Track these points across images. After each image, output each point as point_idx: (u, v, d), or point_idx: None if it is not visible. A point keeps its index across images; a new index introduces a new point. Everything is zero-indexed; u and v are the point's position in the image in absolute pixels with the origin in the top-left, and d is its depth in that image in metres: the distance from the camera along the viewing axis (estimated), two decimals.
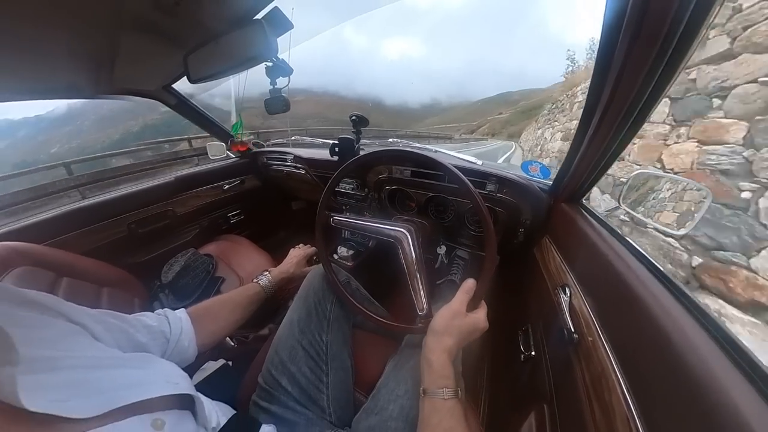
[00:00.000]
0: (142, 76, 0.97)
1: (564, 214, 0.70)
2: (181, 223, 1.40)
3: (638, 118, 0.44)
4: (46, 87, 0.81)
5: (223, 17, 0.65)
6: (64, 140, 71.31)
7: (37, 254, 0.82)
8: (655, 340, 0.34)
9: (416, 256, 0.67)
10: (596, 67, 0.43)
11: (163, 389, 0.35)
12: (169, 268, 1.12)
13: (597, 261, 0.52)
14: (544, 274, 0.72)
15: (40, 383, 0.27)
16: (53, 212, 1.05)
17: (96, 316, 0.41)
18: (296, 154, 1.42)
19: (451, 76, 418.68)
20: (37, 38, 0.56)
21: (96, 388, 0.30)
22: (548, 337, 0.63)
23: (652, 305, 0.37)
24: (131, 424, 0.30)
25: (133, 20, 0.60)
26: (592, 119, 0.50)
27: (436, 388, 0.46)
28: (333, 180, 0.73)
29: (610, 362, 0.41)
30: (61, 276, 0.84)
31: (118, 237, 1.17)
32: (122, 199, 1.20)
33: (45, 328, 0.33)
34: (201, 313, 0.61)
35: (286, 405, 0.57)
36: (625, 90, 0.40)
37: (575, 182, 0.65)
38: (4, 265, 0.73)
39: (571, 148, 0.61)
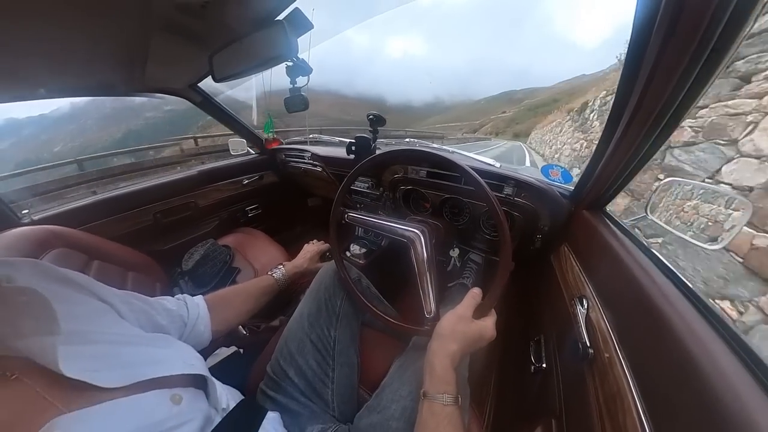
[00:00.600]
0: (170, 75, 1.02)
1: (585, 222, 0.67)
2: (203, 215, 1.46)
3: (671, 121, 0.41)
4: (87, 85, 0.88)
5: (246, 19, 0.67)
6: (67, 139, 75.89)
7: (72, 237, 0.88)
8: (680, 363, 0.32)
9: (428, 257, 0.66)
10: (626, 65, 0.40)
11: (181, 368, 0.37)
12: (190, 257, 1.17)
13: (619, 273, 0.49)
14: (560, 284, 0.68)
15: (76, 353, 0.29)
16: (88, 200, 1.13)
17: (122, 297, 0.44)
18: (313, 152, 1.44)
19: (454, 75, 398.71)
20: (78, 41, 0.61)
21: (122, 362, 0.33)
22: (561, 350, 0.60)
23: (678, 325, 0.34)
24: (153, 397, 0.32)
25: (164, 23, 0.63)
26: (620, 121, 0.47)
27: (436, 392, 0.45)
28: (349, 178, 0.74)
29: (626, 382, 0.38)
30: (93, 258, 0.89)
31: (144, 225, 1.24)
32: (149, 191, 1.27)
33: (80, 304, 0.36)
34: (217, 301, 0.63)
35: (292, 396, 0.58)
36: (657, 91, 0.38)
37: (599, 188, 0.62)
38: (43, 246, 0.79)
39: (596, 152, 0.58)
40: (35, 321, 0.29)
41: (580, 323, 0.52)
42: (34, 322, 0.29)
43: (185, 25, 0.66)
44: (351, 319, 0.71)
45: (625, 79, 0.41)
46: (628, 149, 0.49)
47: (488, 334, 0.52)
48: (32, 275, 0.34)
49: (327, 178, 1.43)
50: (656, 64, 0.35)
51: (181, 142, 5.77)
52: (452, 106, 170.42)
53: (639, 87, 0.40)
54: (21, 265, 0.35)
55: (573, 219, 0.74)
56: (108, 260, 0.93)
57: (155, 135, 63.79)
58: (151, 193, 1.27)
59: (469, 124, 43.81)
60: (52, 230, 0.85)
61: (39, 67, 0.69)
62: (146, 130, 69.30)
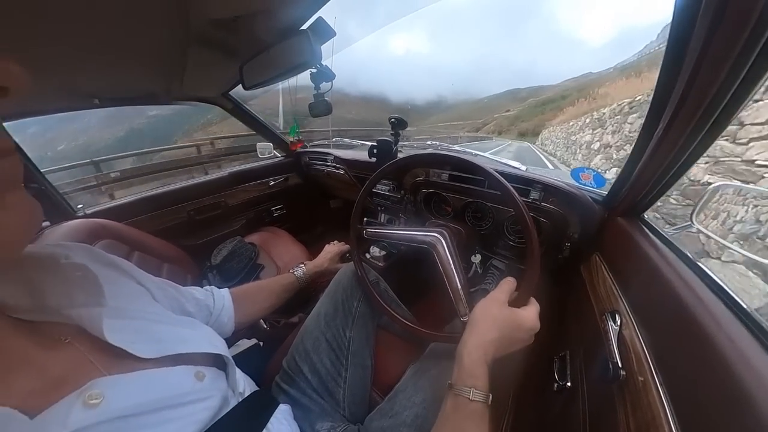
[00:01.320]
0: (205, 84, 1.10)
1: (620, 230, 0.61)
2: (231, 214, 1.54)
3: (720, 118, 0.36)
4: (133, 95, 0.98)
5: (273, 29, 0.70)
6: (71, 137, 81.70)
7: (118, 230, 0.97)
8: (731, 397, 0.27)
9: (453, 259, 0.64)
10: (666, 57, 0.36)
11: (206, 347, 0.40)
12: (218, 252, 1.24)
13: (658, 288, 0.44)
14: (590, 297, 0.63)
15: (118, 326, 0.32)
16: (132, 197, 1.25)
17: (158, 283, 0.49)
18: (336, 155, 1.47)
19: (457, 73, 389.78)
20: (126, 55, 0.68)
21: (156, 338, 0.36)
22: (589, 369, 0.55)
23: (729, 352, 0.30)
24: (180, 371, 0.35)
25: (199, 36, 0.69)
26: (660, 120, 0.43)
27: (462, 385, 0.41)
28: (370, 181, 0.75)
29: (663, 411, 0.34)
30: (134, 250, 0.98)
31: (179, 222, 1.34)
32: (184, 190, 1.38)
33: (123, 286, 0.41)
34: (241, 295, 0.67)
35: (304, 391, 0.59)
36: (704, 85, 0.33)
37: (636, 193, 0.56)
38: (93, 236, 0.88)
39: (633, 154, 0.53)
40: (86, 294, 0.33)
41: (611, 341, 0.47)
42: (85, 295, 0.33)
43: (218, 38, 0.71)
44: (367, 320, 0.71)
45: (667, 70, 0.37)
46: (671, 150, 0.44)
47: (529, 323, 0.46)
48: (85, 257, 0.39)
49: (349, 181, 1.45)
50: (702, 53, 0.31)
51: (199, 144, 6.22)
52: (455, 104, 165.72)
53: (683, 80, 0.35)
54: (76, 249, 0.40)
55: (606, 226, 0.68)
56: (147, 252, 1.01)
57: (157, 133, 68.25)
58: (186, 193, 1.37)
59: (472, 123, 41.74)
60: (101, 223, 0.94)
61: (93, 79, 0.78)
62: (148, 129, 74.00)
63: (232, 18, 0.63)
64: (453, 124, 56.15)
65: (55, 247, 0.37)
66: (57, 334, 0.30)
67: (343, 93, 41.11)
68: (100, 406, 0.26)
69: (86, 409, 0.25)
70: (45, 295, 0.31)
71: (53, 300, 0.31)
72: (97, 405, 0.25)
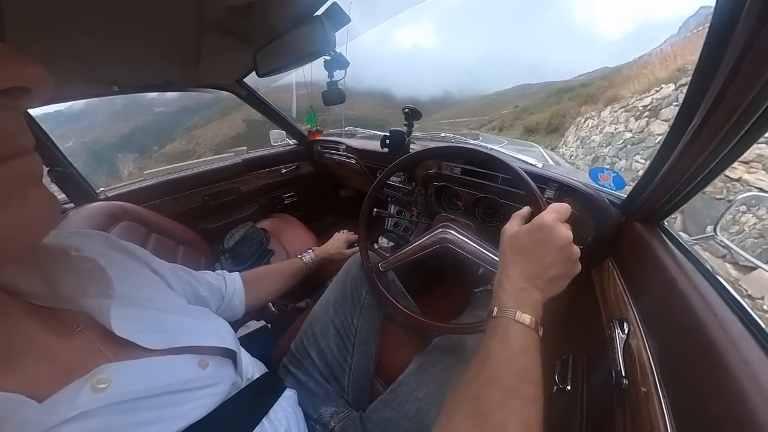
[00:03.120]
0: (220, 71, 1.11)
1: (637, 236, 0.58)
2: (244, 200, 1.58)
3: (761, 120, 0.33)
4: (150, 82, 1.00)
5: (287, 16, 0.69)
6: (79, 135, 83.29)
7: (137, 213, 1.02)
8: (737, 417, 0.26)
9: (470, 238, 0.66)
10: (704, 52, 0.33)
11: (212, 341, 0.41)
12: (231, 236, 1.28)
13: (672, 299, 0.42)
14: (599, 302, 0.61)
15: (126, 315, 0.33)
16: (151, 181, 1.30)
17: (171, 269, 0.50)
18: (348, 144, 1.46)
19: (465, 68, 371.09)
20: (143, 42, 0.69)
21: (164, 328, 0.37)
22: (591, 375, 0.54)
23: (740, 370, 0.29)
24: (183, 360, 0.36)
25: (214, 23, 0.68)
26: (692, 121, 0.40)
27: (506, 308, 0.36)
28: (385, 174, 0.74)
29: (664, 424, 0.33)
30: (152, 232, 1.03)
31: (194, 206, 1.39)
32: (200, 175, 1.41)
33: (135, 273, 0.42)
34: (251, 278, 0.69)
35: (311, 375, 0.61)
36: (744, 84, 0.30)
37: (657, 198, 0.53)
38: (114, 218, 0.93)
39: (658, 155, 0.50)
40: (96, 285, 0.34)
41: (616, 349, 0.46)
42: (95, 286, 0.34)
43: (233, 25, 0.71)
44: (374, 310, 0.72)
45: (704, 64, 0.34)
46: (700, 153, 0.41)
47: (559, 233, 0.37)
48: (100, 245, 0.40)
49: (360, 170, 1.45)
50: (746, 47, 0.28)
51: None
52: (461, 100, 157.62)
53: (722, 75, 0.32)
54: (93, 236, 0.42)
55: (622, 231, 0.65)
56: (164, 234, 1.06)
57: (160, 131, 69.14)
58: (201, 178, 1.41)
59: (478, 119, 38.93)
60: (122, 206, 0.98)
61: (112, 65, 0.80)
62: (152, 126, 74.97)
63: (246, 4, 0.62)
64: (458, 121, 53.59)
65: (68, 237, 0.38)
66: (70, 322, 0.31)
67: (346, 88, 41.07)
68: (108, 390, 0.27)
69: (94, 393, 0.26)
70: (58, 284, 0.32)
71: (66, 289, 0.32)
72: (104, 389, 0.27)
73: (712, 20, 0.31)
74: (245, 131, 25.14)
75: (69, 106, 5.89)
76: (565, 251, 0.38)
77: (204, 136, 51.96)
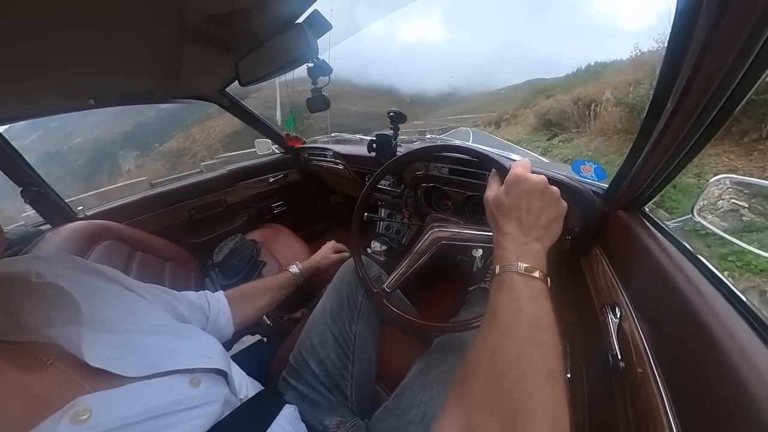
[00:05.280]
0: (202, 82, 1.09)
1: (620, 223, 0.61)
2: (232, 211, 1.55)
3: (724, 109, 0.35)
4: (129, 94, 0.97)
5: (268, 24, 0.69)
6: (87, 131, 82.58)
7: (119, 231, 0.98)
8: (727, 387, 0.28)
9: (465, 229, 0.69)
10: (670, 46, 0.35)
11: (198, 362, 0.38)
12: (220, 250, 1.25)
13: (659, 281, 0.44)
14: (591, 290, 0.63)
15: (100, 342, 0.31)
16: (133, 197, 1.25)
17: (147, 288, 0.47)
18: (335, 150, 1.46)
19: (474, 62, 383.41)
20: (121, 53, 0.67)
21: (144, 352, 0.34)
22: (588, 361, 0.56)
23: (727, 344, 0.30)
24: (172, 380, 0.34)
25: (195, 33, 0.68)
26: (663, 111, 0.42)
27: (509, 262, 0.35)
28: (374, 179, 0.75)
29: (661, 401, 0.34)
30: (136, 250, 0.99)
31: (180, 220, 1.35)
32: (185, 189, 1.38)
33: (107, 294, 0.39)
34: (237, 296, 0.67)
35: (312, 386, 0.60)
36: (708, 74, 0.33)
37: (637, 186, 0.56)
38: (95, 238, 0.89)
39: (634, 146, 0.53)
40: (62, 312, 0.32)
41: (611, 333, 0.48)
42: (60, 314, 0.31)
43: (213, 34, 0.70)
44: (371, 315, 0.72)
45: (669, 62, 0.36)
46: (673, 142, 0.44)
47: (533, 180, 0.39)
48: (63, 268, 0.37)
49: (349, 176, 1.45)
50: (705, 46, 0.30)
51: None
52: (470, 96, 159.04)
53: (686, 69, 0.35)
54: (55, 260, 0.39)
55: (607, 219, 0.68)
56: (149, 251, 1.02)
57: (162, 128, 68.47)
58: (186, 191, 1.37)
59: (486, 116, 39.22)
60: (102, 224, 0.94)
61: (88, 78, 0.77)
62: (154, 123, 74.25)
63: (226, 13, 0.62)
64: (464, 117, 53.90)
65: (26, 262, 0.35)
66: (38, 355, 0.29)
67: (350, 84, 40.08)
68: (89, 421, 0.25)
69: (74, 426, 0.24)
70: (20, 315, 0.30)
71: (29, 319, 0.30)
72: (85, 420, 0.25)
73: (674, 20, 0.33)
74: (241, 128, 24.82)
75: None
76: (547, 193, 0.39)
77: (200, 134, 51.11)
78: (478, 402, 0.29)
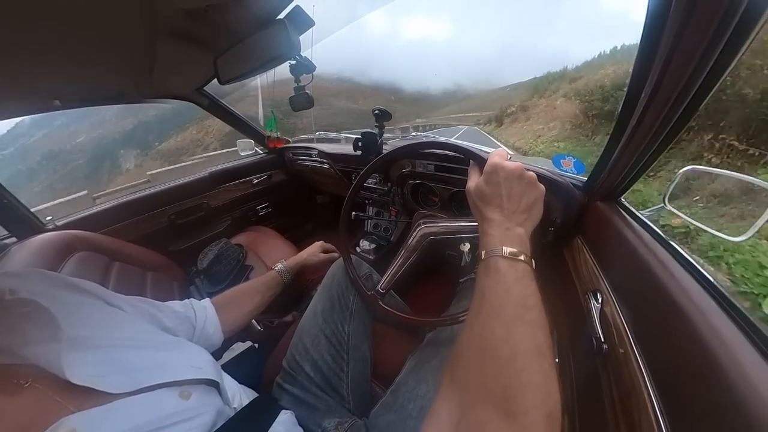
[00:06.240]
0: (178, 80, 1.04)
1: (599, 213, 0.64)
2: (215, 215, 1.50)
3: (691, 105, 0.38)
4: (98, 95, 0.91)
5: (248, 19, 0.67)
6: (90, 129, 79.82)
7: (94, 241, 0.92)
8: (700, 362, 0.30)
9: (452, 221, 0.72)
10: (641, 48, 0.38)
11: (187, 374, 0.37)
12: (204, 256, 1.21)
13: (635, 267, 0.47)
14: (573, 278, 0.67)
15: (81, 359, 0.30)
16: (107, 205, 1.18)
17: (129, 300, 0.45)
18: (320, 149, 1.45)
19: (480, 60, 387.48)
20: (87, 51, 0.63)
21: (128, 367, 0.33)
22: (575, 345, 0.59)
23: (698, 322, 0.33)
24: (161, 394, 0.33)
25: (169, 29, 0.64)
26: (635, 108, 0.45)
27: (493, 247, 0.36)
28: (360, 178, 0.75)
29: (642, 379, 0.37)
30: (114, 260, 0.94)
31: (160, 227, 1.29)
32: (163, 194, 1.31)
33: (86, 309, 0.37)
34: (223, 301, 0.65)
35: (308, 389, 0.60)
36: (676, 74, 0.35)
37: (613, 178, 0.59)
38: (67, 250, 0.83)
39: (610, 141, 0.56)
40: (39, 329, 0.30)
41: (594, 318, 0.51)
42: (38, 331, 0.30)
43: (189, 30, 0.67)
44: (363, 314, 0.72)
45: (641, 62, 0.39)
46: (645, 136, 0.47)
47: (511, 167, 0.40)
48: (38, 284, 0.35)
49: (335, 175, 1.44)
50: (673, 46, 0.33)
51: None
52: (474, 94, 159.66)
53: (656, 70, 0.37)
54: (28, 276, 0.37)
55: (586, 210, 0.71)
56: (128, 261, 0.97)
57: (162, 126, 66.25)
58: (165, 196, 1.31)
59: (489, 114, 39.27)
60: (75, 235, 0.89)
61: (52, 79, 0.72)
62: (155, 121, 71.84)
63: (203, 8, 0.59)
64: (467, 115, 53.73)
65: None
66: (15, 378, 0.28)
67: (353, 82, 39.36)
68: None
69: None
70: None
71: (3, 340, 0.29)
72: None
73: (644, 27, 0.36)
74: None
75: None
76: (524, 178, 0.40)
77: (214, 125, 49.66)
78: (470, 382, 0.30)
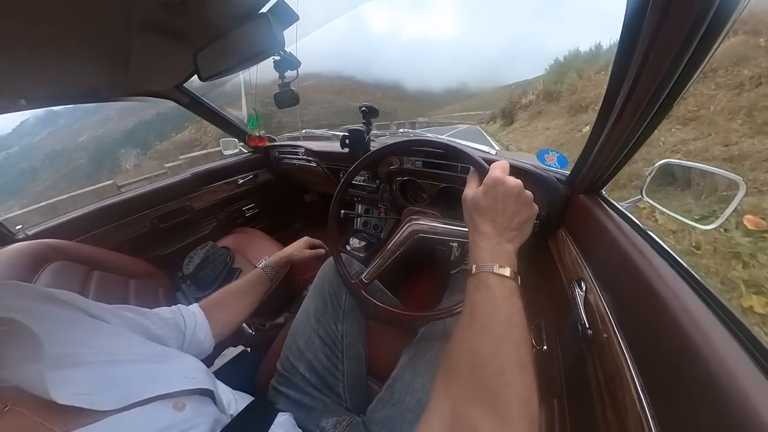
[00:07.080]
0: (155, 77, 0.99)
1: (582, 206, 0.67)
2: (200, 218, 1.45)
3: (665, 103, 0.41)
4: (68, 93, 0.86)
5: (229, 13, 0.65)
6: (93, 129, 76.89)
7: (70, 250, 0.88)
8: (677, 342, 0.33)
9: (441, 223, 0.71)
10: (619, 48, 0.40)
11: (180, 384, 0.36)
12: (190, 261, 1.18)
13: (616, 256, 0.50)
14: (559, 268, 0.70)
15: (66, 378, 0.28)
16: (82, 211, 1.11)
17: (113, 311, 0.43)
18: (307, 147, 1.42)
19: (484, 58, 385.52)
20: (56, 47, 0.59)
21: (117, 382, 0.32)
22: (561, 332, 0.62)
23: (674, 305, 0.35)
24: (154, 408, 0.32)
25: (143, 22, 0.61)
26: (614, 105, 0.47)
27: (483, 263, 0.38)
28: (348, 175, 0.74)
29: (625, 361, 0.39)
30: (93, 269, 0.89)
31: (142, 232, 1.24)
32: (143, 197, 1.26)
33: (68, 324, 0.35)
34: (211, 305, 0.63)
35: (304, 390, 0.59)
36: (651, 74, 0.37)
37: (595, 172, 0.62)
38: (41, 260, 0.79)
39: (591, 136, 0.58)
40: (19, 349, 0.29)
41: (578, 305, 0.53)
42: (18, 351, 0.28)
43: (166, 24, 0.64)
44: (357, 312, 0.72)
45: (619, 61, 0.41)
46: (624, 131, 0.49)
47: (510, 183, 0.41)
48: (14, 298, 0.33)
49: (322, 173, 1.42)
50: (650, 46, 0.34)
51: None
52: (477, 92, 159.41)
53: (633, 69, 0.39)
54: (2, 290, 0.34)
55: (569, 203, 0.74)
56: (108, 270, 0.93)
57: (163, 125, 64.11)
58: (145, 200, 1.26)
59: (492, 112, 38.85)
60: (49, 244, 0.84)
61: (16, 76, 0.67)
62: (156, 120, 69.47)
63: (180, 0, 0.57)
64: (470, 114, 53.21)
65: None
66: None
67: (354, 80, 38.57)
68: None
69: None
70: None
71: None
72: None
73: (622, 26, 0.37)
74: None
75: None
76: (522, 197, 0.42)
77: (197, 132, 47.92)
78: (461, 392, 0.32)
